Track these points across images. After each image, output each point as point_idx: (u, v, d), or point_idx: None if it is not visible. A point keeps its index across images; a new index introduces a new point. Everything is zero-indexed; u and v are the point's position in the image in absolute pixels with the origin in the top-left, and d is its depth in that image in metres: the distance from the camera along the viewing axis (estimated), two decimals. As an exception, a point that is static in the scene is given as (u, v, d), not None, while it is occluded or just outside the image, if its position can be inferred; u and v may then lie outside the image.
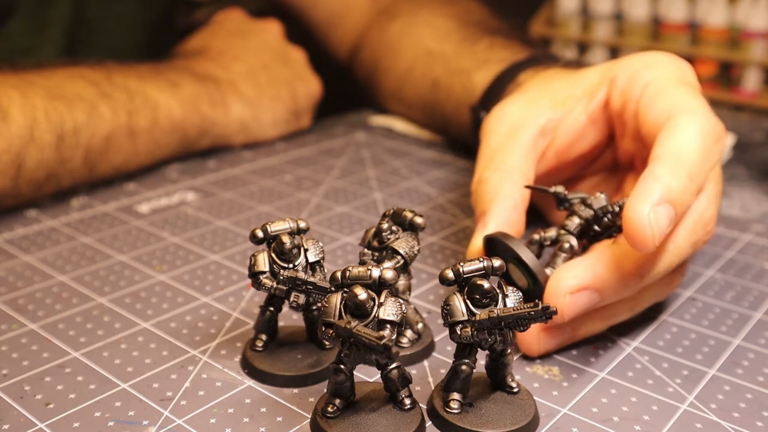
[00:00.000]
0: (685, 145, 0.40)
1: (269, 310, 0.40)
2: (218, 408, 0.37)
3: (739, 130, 0.81)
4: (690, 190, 0.39)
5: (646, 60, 0.47)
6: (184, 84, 0.67)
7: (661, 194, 0.38)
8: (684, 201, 0.39)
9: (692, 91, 0.44)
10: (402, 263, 0.39)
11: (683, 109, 0.42)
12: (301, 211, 0.60)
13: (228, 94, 0.70)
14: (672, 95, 0.43)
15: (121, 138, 0.62)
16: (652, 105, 0.44)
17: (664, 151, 0.40)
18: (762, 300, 0.48)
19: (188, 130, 0.67)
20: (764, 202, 0.64)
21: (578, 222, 0.42)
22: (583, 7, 1.04)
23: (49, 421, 0.36)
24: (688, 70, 0.47)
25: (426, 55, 0.75)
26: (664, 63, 0.46)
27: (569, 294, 0.39)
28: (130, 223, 0.57)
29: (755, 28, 0.91)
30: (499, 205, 0.44)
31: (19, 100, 0.56)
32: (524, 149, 0.47)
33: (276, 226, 0.39)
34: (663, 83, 0.44)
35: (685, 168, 0.39)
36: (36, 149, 0.56)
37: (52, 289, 0.48)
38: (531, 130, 0.48)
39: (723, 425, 0.37)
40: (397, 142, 0.76)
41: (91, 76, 0.62)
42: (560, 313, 0.38)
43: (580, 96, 0.49)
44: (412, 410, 0.35)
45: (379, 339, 0.32)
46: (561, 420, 0.37)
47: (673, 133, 0.41)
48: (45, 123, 0.57)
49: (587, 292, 0.39)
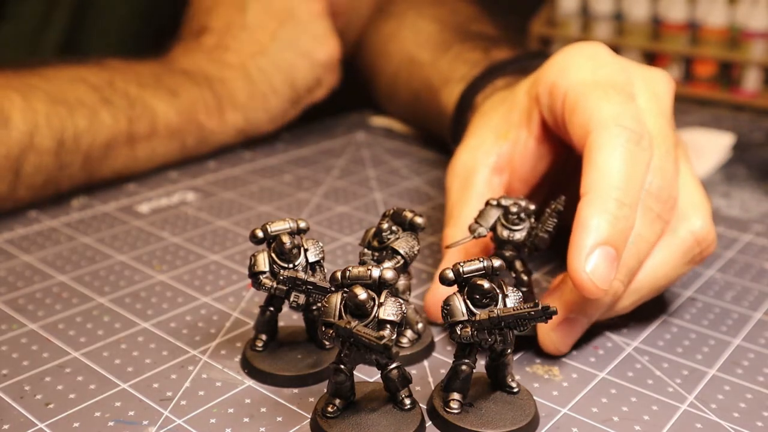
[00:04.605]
0: (604, 171, 0.41)
1: (269, 310, 0.40)
2: (218, 408, 0.37)
3: (739, 130, 0.81)
4: (623, 214, 0.40)
5: (560, 65, 0.47)
6: (182, 91, 0.66)
7: (593, 242, 0.38)
8: (621, 230, 0.39)
9: (603, 93, 0.44)
10: (402, 263, 0.39)
11: (595, 124, 0.42)
12: (301, 211, 0.60)
13: (223, 98, 0.69)
14: (584, 107, 0.43)
15: (121, 144, 0.62)
16: (572, 123, 0.44)
17: (586, 187, 0.41)
18: (762, 300, 0.48)
19: (186, 139, 0.67)
20: (764, 202, 0.64)
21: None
22: (583, 7, 1.04)
23: (49, 421, 0.36)
24: (601, 56, 0.47)
25: (408, 62, 0.75)
26: (577, 63, 0.46)
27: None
28: (130, 223, 0.57)
29: (755, 28, 0.91)
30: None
31: (21, 105, 0.56)
32: (478, 196, 0.48)
33: (276, 226, 0.39)
34: (576, 94, 0.44)
35: (611, 197, 0.40)
36: (35, 155, 0.56)
37: (52, 289, 0.48)
38: (482, 173, 0.48)
39: (723, 425, 0.37)
40: (397, 142, 0.76)
41: (92, 80, 0.61)
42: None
43: (518, 122, 0.49)
44: (412, 410, 0.35)
45: (379, 339, 0.32)
46: (561, 420, 0.37)
47: (589, 161, 0.41)
48: (46, 128, 0.56)
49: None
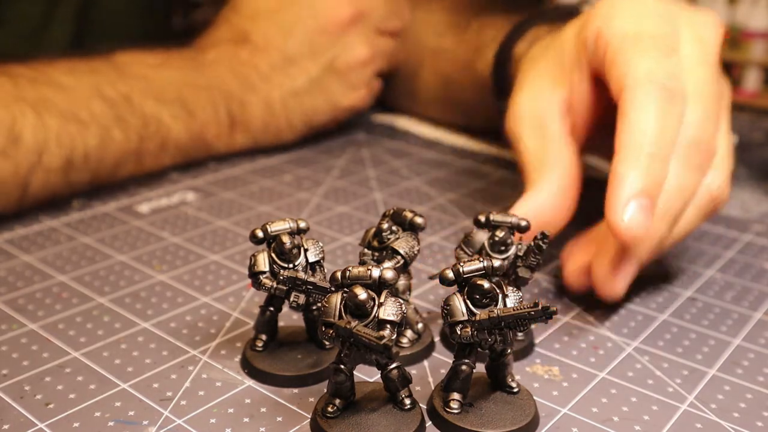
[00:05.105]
0: (636, 128, 0.42)
1: (269, 310, 0.40)
2: (218, 408, 0.37)
3: (739, 130, 0.81)
4: (655, 167, 0.41)
5: (606, 10, 0.48)
6: (199, 110, 0.66)
7: (628, 194, 0.40)
8: (653, 182, 0.41)
9: (641, 47, 0.45)
10: (402, 263, 0.39)
11: (630, 80, 0.44)
12: (301, 211, 0.60)
13: (237, 122, 0.69)
14: (621, 62, 0.45)
15: (130, 160, 0.62)
16: (610, 75, 0.46)
17: (619, 144, 0.42)
18: (762, 300, 0.48)
19: (192, 154, 0.67)
20: (764, 202, 0.64)
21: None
22: (583, 7, 1.03)
23: (49, 421, 0.36)
24: (648, 2, 0.48)
25: (432, 54, 0.76)
26: (622, 11, 0.48)
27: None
28: (130, 223, 0.57)
29: (755, 28, 0.91)
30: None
31: (33, 121, 0.55)
32: (557, 141, 0.49)
33: (276, 226, 0.39)
34: (615, 47, 0.46)
35: (643, 152, 0.41)
36: (43, 173, 0.56)
37: (52, 289, 0.48)
38: (555, 119, 0.49)
39: (723, 425, 0.37)
40: (397, 142, 0.76)
41: (109, 94, 0.60)
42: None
43: (570, 67, 0.50)
44: (412, 410, 0.35)
45: (379, 339, 0.32)
46: (561, 420, 0.37)
47: (622, 118, 0.43)
48: (56, 147, 0.56)
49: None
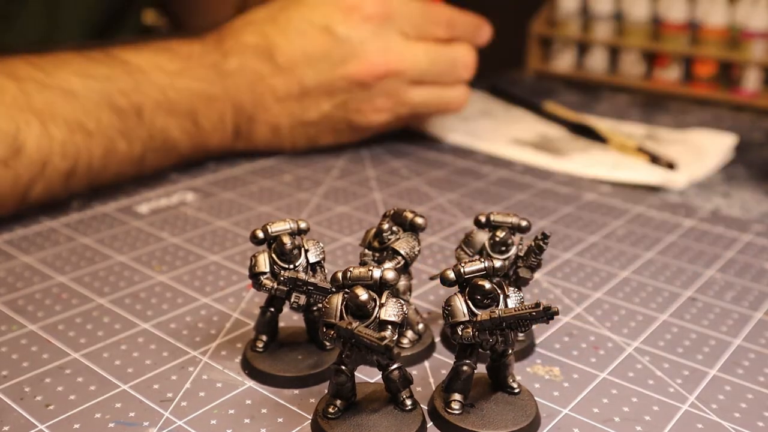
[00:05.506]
0: None
1: (270, 311, 0.40)
2: (219, 409, 0.37)
3: (739, 130, 0.81)
4: None
5: None
6: (206, 122, 0.65)
7: None
8: None
9: None
10: (403, 264, 0.39)
11: None
12: (301, 212, 0.60)
13: (241, 132, 0.69)
14: None
15: (131, 168, 0.62)
16: None
17: None
18: (762, 300, 0.48)
19: (191, 157, 0.67)
20: (764, 202, 0.64)
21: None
22: (583, 7, 1.04)
23: (50, 422, 0.36)
24: None
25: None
26: None
27: None
28: (129, 223, 0.57)
29: (755, 28, 0.91)
30: None
31: (38, 131, 0.54)
32: None
33: (276, 227, 0.39)
34: None
35: None
36: (44, 181, 0.56)
37: (51, 289, 0.48)
38: None
39: (724, 425, 0.37)
40: (397, 142, 0.76)
41: (121, 104, 0.59)
42: None
43: None
44: (413, 411, 0.35)
45: (381, 340, 0.32)
46: (562, 420, 0.37)
47: None
48: (59, 158, 0.56)
49: None
